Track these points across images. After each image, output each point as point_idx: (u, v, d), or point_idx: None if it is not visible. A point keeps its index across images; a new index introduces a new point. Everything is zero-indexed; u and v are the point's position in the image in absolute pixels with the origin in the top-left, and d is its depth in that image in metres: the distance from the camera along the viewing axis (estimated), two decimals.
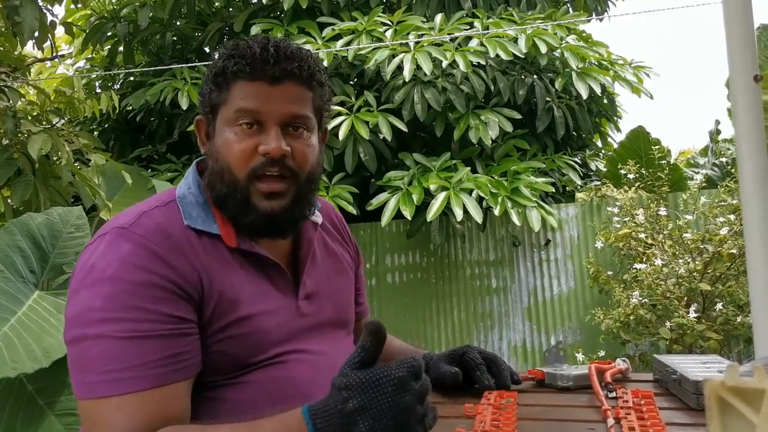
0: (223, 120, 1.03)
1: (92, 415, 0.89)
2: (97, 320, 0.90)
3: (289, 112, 1.03)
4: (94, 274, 0.94)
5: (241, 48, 1.03)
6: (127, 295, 0.91)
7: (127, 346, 0.89)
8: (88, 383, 0.90)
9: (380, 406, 0.79)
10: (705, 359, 1.21)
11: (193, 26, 6.68)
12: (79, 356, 0.91)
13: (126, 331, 0.90)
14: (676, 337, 3.88)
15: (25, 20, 3.62)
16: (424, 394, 0.82)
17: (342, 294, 1.22)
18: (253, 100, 1.01)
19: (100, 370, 0.89)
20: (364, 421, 0.78)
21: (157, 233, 0.97)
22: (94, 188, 3.73)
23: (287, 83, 1.02)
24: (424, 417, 0.81)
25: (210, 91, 1.05)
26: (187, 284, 0.95)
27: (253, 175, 1.02)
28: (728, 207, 4.34)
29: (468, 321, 5.29)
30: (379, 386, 0.79)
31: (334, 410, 0.80)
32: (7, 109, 3.73)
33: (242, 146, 1.01)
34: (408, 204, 4.74)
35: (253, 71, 1.00)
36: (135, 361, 0.89)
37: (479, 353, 1.22)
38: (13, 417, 2.28)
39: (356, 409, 0.78)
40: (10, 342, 2.21)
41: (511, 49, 5.15)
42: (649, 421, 0.93)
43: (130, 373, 0.88)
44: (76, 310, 0.93)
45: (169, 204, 1.04)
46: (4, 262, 2.44)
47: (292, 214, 1.05)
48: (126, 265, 0.93)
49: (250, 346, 1.00)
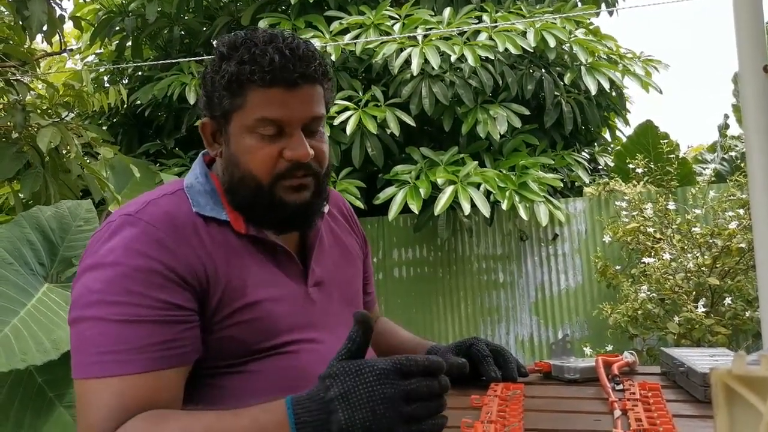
0: (239, 126, 1.02)
1: (83, 395, 0.90)
2: (95, 302, 0.92)
3: (310, 115, 1.03)
4: (97, 259, 0.95)
5: (255, 53, 0.99)
6: (126, 280, 0.92)
7: (122, 329, 0.90)
8: (82, 363, 0.91)
9: (359, 395, 0.78)
10: (713, 352, 1.21)
11: (200, 20, 6.68)
12: (76, 337, 0.93)
13: (121, 314, 0.91)
14: (684, 332, 3.86)
15: (34, 14, 3.63)
16: (413, 394, 0.79)
17: (351, 282, 1.23)
18: (274, 108, 1.00)
19: (94, 351, 0.90)
20: (342, 410, 0.78)
21: (164, 220, 0.98)
22: (103, 181, 3.74)
23: (304, 86, 1.01)
24: (411, 418, 0.79)
25: (222, 96, 1.02)
26: (189, 273, 0.96)
27: (278, 178, 1.03)
28: (737, 201, 4.31)
29: (475, 315, 5.29)
30: (360, 375, 0.79)
31: (315, 398, 0.80)
32: (17, 103, 3.75)
33: (266, 152, 1.01)
34: (415, 198, 4.74)
35: (273, 78, 0.99)
36: (128, 344, 0.90)
37: (486, 345, 1.22)
38: (22, 409, 2.30)
39: (335, 397, 0.78)
40: (20, 334, 2.22)
41: (520, 43, 5.13)
42: (656, 413, 0.93)
43: (122, 356, 0.89)
44: (77, 293, 0.95)
45: (177, 192, 1.05)
46: (14, 254, 2.45)
47: (316, 205, 1.08)
48: (129, 250, 0.94)
49: (259, 331, 1.01)
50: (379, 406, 0.77)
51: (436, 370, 0.82)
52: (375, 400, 0.78)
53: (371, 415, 0.77)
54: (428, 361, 0.81)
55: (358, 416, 0.77)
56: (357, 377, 0.79)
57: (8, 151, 3.61)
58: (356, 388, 0.78)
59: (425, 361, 0.81)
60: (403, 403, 0.78)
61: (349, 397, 0.78)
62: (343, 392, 0.78)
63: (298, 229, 1.10)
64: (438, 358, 0.82)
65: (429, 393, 0.80)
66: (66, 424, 2.30)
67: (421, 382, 0.80)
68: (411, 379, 0.80)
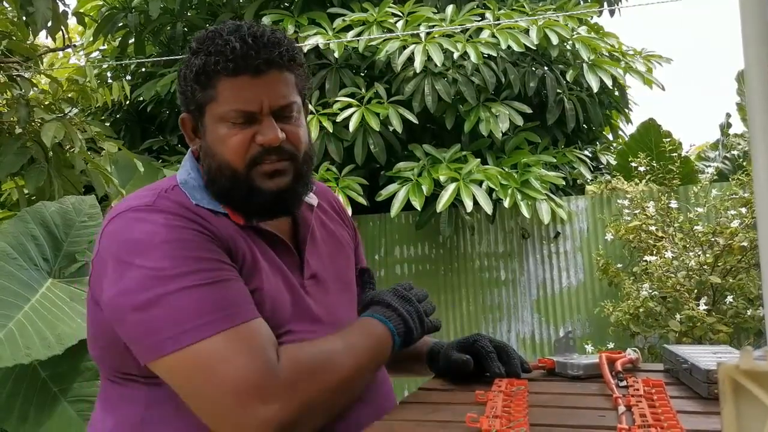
0: (212, 117, 1.04)
1: (205, 360, 0.90)
2: (172, 276, 0.93)
3: (279, 101, 1.04)
4: (142, 244, 0.96)
5: (218, 43, 1.01)
6: (187, 250, 0.96)
7: (210, 291, 0.93)
8: (182, 333, 0.91)
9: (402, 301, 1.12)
10: (715, 349, 1.21)
11: (203, 17, 6.68)
12: (161, 314, 0.92)
13: (203, 279, 0.94)
14: (685, 330, 3.87)
15: (38, 10, 3.63)
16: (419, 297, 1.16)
17: (344, 273, 1.24)
18: (242, 96, 1.02)
19: (198, 315, 0.92)
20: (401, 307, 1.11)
21: (180, 207, 1.01)
22: (108, 176, 3.75)
23: (271, 72, 1.03)
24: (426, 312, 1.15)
25: (193, 90, 1.04)
26: (221, 244, 1.00)
27: (252, 163, 1.04)
28: (739, 200, 4.31)
29: (476, 313, 5.29)
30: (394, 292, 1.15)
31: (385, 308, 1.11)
32: (20, 98, 3.75)
33: (238, 139, 1.03)
34: (418, 195, 4.74)
35: (236, 67, 1.00)
36: (223, 302, 0.93)
37: (490, 341, 1.22)
38: (26, 403, 2.31)
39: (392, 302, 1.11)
40: (24, 329, 2.23)
41: (523, 41, 5.13)
42: (660, 409, 0.94)
43: (226, 312, 0.92)
44: (141, 277, 0.94)
45: (174, 188, 1.07)
46: (18, 249, 2.46)
47: (295, 190, 1.09)
48: (170, 228, 0.97)
49: (267, 318, 1.01)
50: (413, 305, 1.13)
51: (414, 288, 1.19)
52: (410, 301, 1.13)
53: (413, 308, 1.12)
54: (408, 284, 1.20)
55: (410, 309, 1.12)
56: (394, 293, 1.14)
57: (12, 146, 3.62)
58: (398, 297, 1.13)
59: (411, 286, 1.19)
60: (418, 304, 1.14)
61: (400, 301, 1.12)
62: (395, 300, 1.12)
63: (280, 215, 1.11)
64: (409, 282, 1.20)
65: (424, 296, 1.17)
66: (70, 418, 2.31)
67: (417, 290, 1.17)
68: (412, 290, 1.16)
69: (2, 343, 2.14)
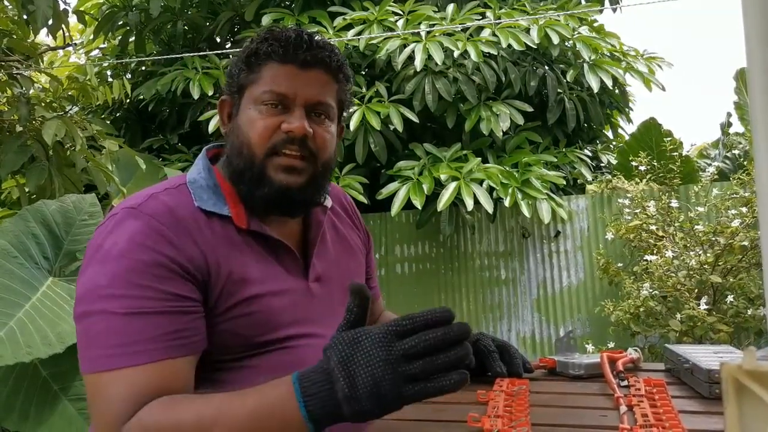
0: (249, 99, 1.07)
1: (94, 388, 0.91)
2: (102, 297, 0.92)
3: (315, 97, 1.06)
4: (101, 253, 0.96)
5: (276, 32, 1.08)
6: (131, 273, 0.93)
7: (130, 321, 0.91)
8: (91, 357, 0.92)
9: (357, 361, 0.76)
10: (716, 349, 1.21)
11: (204, 15, 6.68)
12: (84, 332, 0.94)
13: (129, 307, 0.91)
14: (686, 330, 3.87)
15: (39, 8, 3.63)
16: (411, 352, 0.76)
17: (352, 277, 1.22)
18: (282, 81, 1.05)
19: (103, 344, 0.91)
20: (343, 377, 0.76)
21: (166, 214, 0.99)
22: (109, 174, 3.75)
23: (316, 69, 1.06)
24: (417, 376, 0.76)
25: (240, 71, 1.08)
26: (192, 265, 0.97)
27: (271, 151, 1.05)
28: (740, 199, 4.31)
29: (477, 312, 5.29)
30: (357, 342, 0.78)
31: (319, 369, 0.80)
32: (21, 96, 3.75)
33: (265, 123, 1.04)
34: (418, 194, 4.74)
35: (285, 54, 1.05)
36: (136, 336, 0.91)
37: (492, 341, 1.22)
38: (27, 402, 2.31)
39: (336, 365, 0.77)
40: (25, 327, 2.23)
41: (523, 40, 5.12)
42: (661, 409, 0.94)
43: (131, 348, 0.90)
44: (83, 288, 0.95)
45: (179, 187, 1.06)
46: (19, 248, 2.46)
47: (305, 193, 1.07)
48: (133, 244, 0.95)
49: (259, 325, 1.02)
50: (377, 370, 0.75)
51: (438, 321, 0.77)
52: (372, 364, 0.76)
53: (371, 380, 0.75)
54: (429, 314, 0.78)
55: (359, 382, 0.76)
56: (354, 344, 0.78)
57: (13, 144, 3.62)
58: (354, 355, 0.77)
59: (425, 315, 0.78)
60: (403, 363, 0.75)
61: (348, 364, 0.77)
62: (342, 360, 0.77)
63: (284, 214, 1.10)
64: (443, 308, 0.78)
65: (433, 347, 0.76)
66: (71, 416, 2.31)
67: (421, 337, 0.76)
68: (410, 337, 0.77)
69: (3, 342, 2.14)
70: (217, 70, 5.61)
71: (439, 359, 0.76)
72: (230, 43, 6.78)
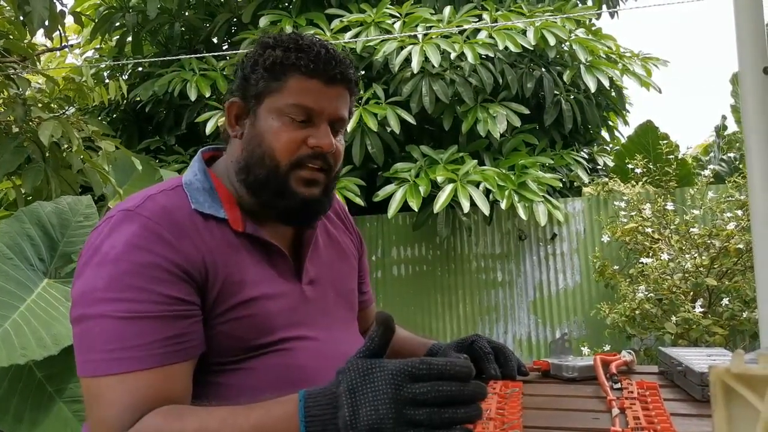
0: (270, 108, 1.06)
1: (92, 393, 0.90)
2: (99, 300, 0.92)
3: (339, 113, 1.08)
4: (98, 255, 0.95)
5: (301, 44, 1.06)
6: (129, 276, 0.92)
7: (128, 325, 0.91)
8: (89, 361, 0.91)
9: (365, 393, 0.75)
10: (710, 352, 1.21)
11: (201, 17, 6.68)
12: (81, 335, 0.93)
13: (127, 311, 0.91)
14: (681, 332, 3.87)
15: (35, 9, 3.62)
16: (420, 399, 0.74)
17: (345, 281, 1.23)
18: (310, 97, 1.05)
19: (101, 348, 0.90)
20: (348, 405, 0.76)
21: (163, 215, 0.99)
22: (105, 175, 3.74)
23: (340, 86, 1.08)
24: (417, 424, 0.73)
25: (260, 78, 1.06)
26: (190, 266, 0.97)
27: (295, 165, 1.05)
28: (735, 202, 4.32)
29: (473, 314, 5.30)
30: (370, 374, 0.77)
31: (327, 392, 0.79)
32: (17, 97, 3.75)
33: (291, 136, 1.05)
34: (415, 196, 4.74)
35: (315, 68, 1.04)
36: (135, 340, 0.90)
37: (488, 342, 1.23)
38: (22, 403, 2.30)
39: (343, 392, 0.77)
40: (20, 329, 2.23)
41: (520, 42, 5.13)
42: (653, 412, 0.94)
43: (130, 353, 0.90)
44: (80, 290, 0.95)
45: (176, 189, 1.06)
46: (14, 249, 2.46)
47: (321, 204, 1.10)
48: (129, 246, 0.94)
49: (255, 328, 1.02)
50: (383, 407, 0.74)
51: (456, 376, 0.75)
52: (379, 400, 0.74)
53: (374, 414, 0.74)
54: (449, 365, 0.75)
55: (362, 413, 0.75)
56: (366, 375, 0.77)
57: (9, 145, 3.61)
58: (363, 386, 0.76)
59: (444, 366, 0.75)
60: (409, 407, 0.74)
61: (356, 394, 0.76)
62: (351, 388, 0.76)
63: (300, 224, 1.12)
64: (465, 362, 0.76)
65: (444, 399, 0.74)
66: (65, 418, 2.31)
67: (434, 386, 0.74)
68: (424, 382, 0.75)
69: None
70: (215, 71, 5.61)
71: (447, 413, 0.74)
72: (227, 44, 6.78)
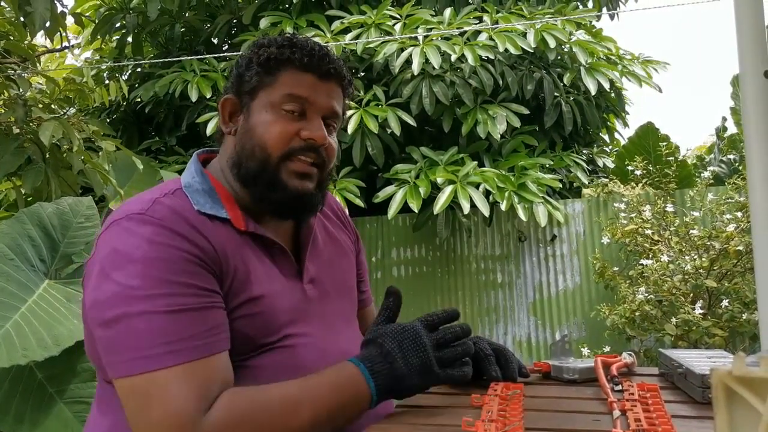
0: (264, 102, 1.07)
1: (146, 390, 0.90)
2: (139, 297, 0.92)
3: (332, 107, 1.10)
4: (122, 257, 0.95)
5: (297, 41, 1.09)
6: (162, 272, 0.94)
7: (174, 319, 0.92)
8: (137, 359, 0.91)
9: (408, 347, 0.98)
10: (710, 354, 1.21)
11: (201, 18, 6.68)
12: (121, 335, 0.92)
13: (170, 305, 0.92)
14: (681, 334, 3.88)
15: (37, 10, 3.62)
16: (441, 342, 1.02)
17: (344, 278, 1.25)
18: (303, 88, 1.07)
19: (150, 344, 0.90)
20: (401, 359, 0.97)
21: (174, 216, 1.00)
22: (106, 176, 3.74)
23: (333, 81, 1.10)
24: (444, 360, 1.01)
25: (254, 74, 1.08)
26: (209, 259, 0.99)
27: (286, 156, 1.06)
28: (735, 204, 4.33)
29: (473, 315, 5.30)
30: (404, 333, 1.00)
31: (375, 353, 0.98)
32: (18, 97, 3.75)
33: (283, 127, 1.06)
34: (415, 197, 4.75)
35: (309, 63, 1.07)
36: (183, 333, 0.92)
37: (489, 344, 1.23)
38: (23, 404, 2.30)
39: (391, 351, 0.98)
40: (21, 330, 2.23)
41: (520, 44, 5.14)
42: (654, 414, 0.94)
43: (180, 345, 0.91)
44: (111, 292, 0.94)
45: (176, 192, 1.07)
46: (15, 250, 2.46)
47: (315, 198, 1.11)
48: (153, 244, 0.95)
49: (262, 326, 1.03)
50: (423, 353, 0.99)
51: (452, 317, 1.05)
52: (420, 349, 0.99)
53: (420, 361, 0.98)
54: (443, 314, 1.05)
55: (412, 362, 0.98)
56: (402, 334, 1.00)
57: (9, 146, 3.61)
58: (404, 342, 0.99)
59: (442, 314, 1.04)
60: (436, 350, 1.01)
61: (402, 349, 0.99)
62: (397, 345, 0.99)
63: (293, 218, 1.13)
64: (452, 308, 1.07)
65: (454, 338, 1.03)
66: (66, 419, 2.30)
67: (447, 330, 1.03)
68: (437, 330, 1.03)
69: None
70: (215, 72, 5.61)
71: (458, 349, 1.03)
72: (227, 46, 6.78)
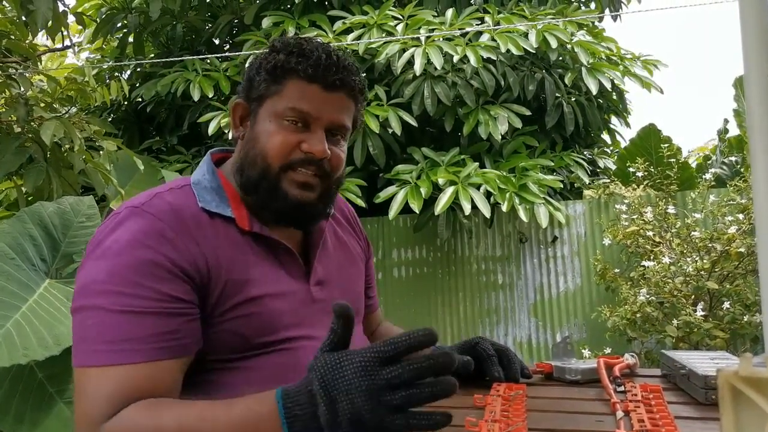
0: (269, 111, 1.07)
1: (82, 382, 0.91)
2: (97, 292, 0.93)
3: (337, 120, 1.08)
4: (101, 249, 0.97)
5: (305, 48, 1.07)
6: (128, 271, 0.94)
7: (122, 319, 0.92)
8: (83, 351, 0.92)
9: (338, 388, 0.75)
10: (713, 355, 1.21)
11: (203, 18, 6.68)
12: (79, 326, 0.94)
13: (123, 305, 0.92)
14: (682, 335, 3.87)
15: (39, 9, 3.62)
16: (395, 381, 0.74)
17: (352, 284, 1.24)
18: (307, 101, 1.05)
19: (94, 340, 0.91)
20: (325, 404, 0.75)
21: (169, 213, 1.00)
22: (107, 175, 3.74)
23: (340, 93, 1.07)
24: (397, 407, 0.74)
25: (262, 81, 1.07)
26: (190, 266, 0.98)
27: (287, 167, 1.06)
28: (737, 206, 4.32)
29: (473, 316, 5.29)
30: (340, 368, 0.76)
31: (303, 391, 0.79)
32: (19, 97, 3.75)
33: (285, 139, 1.05)
34: (416, 197, 4.74)
35: (314, 74, 1.05)
36: (127, 334, 0.91)
37: (491, 345, 1.23)
38: (23, 403, 2.30)
39: (318, 390, 0.76)
40: (22, 329, 2.23)
41: (522, 44, 5.13)
42: (658, 415, 0.94)
43: (123, 346, 0.91)
44: (81, 282, 0.96)
45: (183, 188, 1.07)
46: (16, 249, 2.46)
47: (316, 208, 1.10)
48: (132, 242, 0.96)
49: (259, 325, 1.02)
50: (359, 398, 0.74)
51: (422, 343, 0.76)
52: (353, 393, 0.74)
53: (351, 407, 0.74)
54: (412, 337, 0.75)
55: (340, 408, 0.75)
56: (336, 370, 0.76)
57: (11, 145, 3.61)
58: (335, 381, 0.76)
59: (408, 339, 0.75)
60: (386, 392, 0.74)
61: (330, 390, 0.76)
62: (323, 385, 0.76)
63: (295, 226, 1.12)
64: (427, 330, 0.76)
65: (416, 375, 0.74)
66: (66, 419, 2.30)
67: (405, 367, 0.74)
68: (394, 364, 0.75)
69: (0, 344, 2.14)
70: (217, 72, 5.61)
71: (424, 391, 0.75)
72: (229, 46, 6.79)
